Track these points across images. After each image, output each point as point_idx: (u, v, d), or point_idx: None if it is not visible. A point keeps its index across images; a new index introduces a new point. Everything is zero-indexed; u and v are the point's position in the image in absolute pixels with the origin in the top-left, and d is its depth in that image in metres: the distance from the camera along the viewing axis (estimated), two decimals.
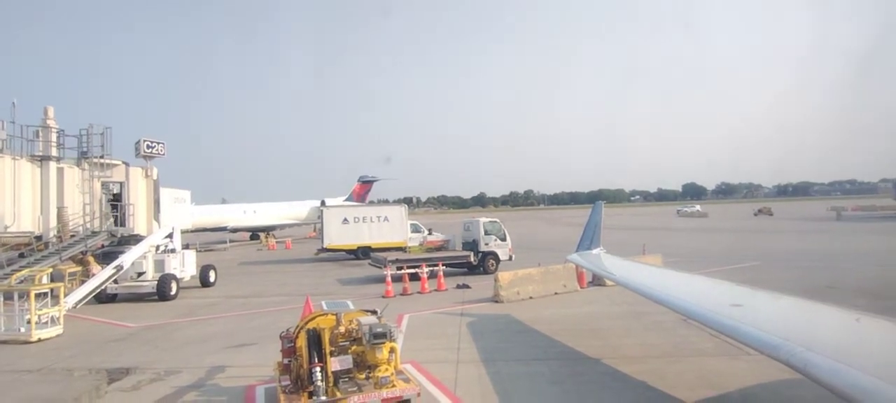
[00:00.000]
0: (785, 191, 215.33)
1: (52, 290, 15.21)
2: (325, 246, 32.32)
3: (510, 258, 24.42)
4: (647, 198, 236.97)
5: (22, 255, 20.58)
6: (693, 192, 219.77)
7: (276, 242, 51.28)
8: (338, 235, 31.75)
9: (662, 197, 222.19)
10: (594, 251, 13.54)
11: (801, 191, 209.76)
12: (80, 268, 21.10)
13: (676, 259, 23.99)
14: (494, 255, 24.15)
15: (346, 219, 32.39)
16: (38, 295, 14.17)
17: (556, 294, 17.77)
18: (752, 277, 19.08)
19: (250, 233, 57.80)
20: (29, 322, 13.71)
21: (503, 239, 24.61)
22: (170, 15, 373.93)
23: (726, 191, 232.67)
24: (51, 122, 22.63)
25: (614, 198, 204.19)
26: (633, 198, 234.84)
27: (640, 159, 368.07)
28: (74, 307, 16.97)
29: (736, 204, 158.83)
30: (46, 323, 14.30)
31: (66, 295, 16.14)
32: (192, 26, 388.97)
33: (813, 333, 5.92)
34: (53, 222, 22.28)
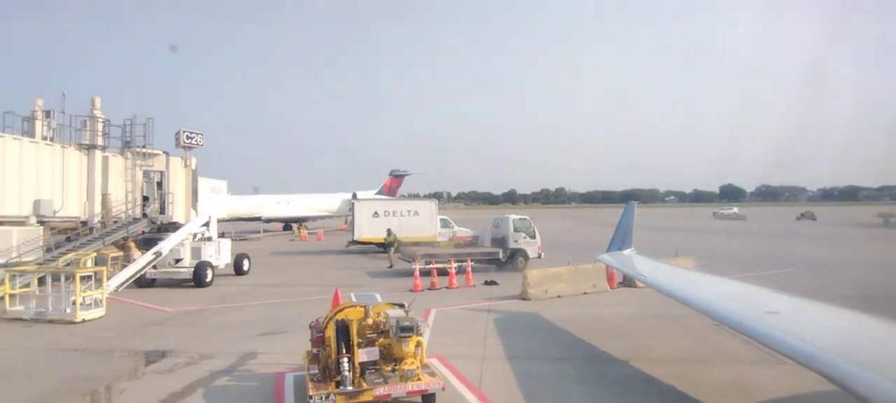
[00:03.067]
0: (830, 195, 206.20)
1: (95, 274, 15.90)
2: (355, 239, 32.73)
3: (539, 256, 24.22)
4: (683, 198, 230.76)
5: (68, 239, 21.54)
6: (731, 194, 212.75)
7: (308, 233, 52.21)
8: (368, 228, 32.09)
9: (698, 198, 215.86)
10: (625, 251, 13.32)
11: (847, 195, 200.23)
12: (121, 253, 21.96)
13: (710, 262, 23.35)
14: (523, 253, 23.99)
15: (376, 213, 32.69)
16: (82, 278, 14.82)
17: (585, 293, 17.57)
18: (790, 284, 18.42)
19: (283, 224, 59.03)
20: (74, 303, 14.37)
21: (533, 237, 24.43)
22: (204, 9, 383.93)
23: (767, 194, 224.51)
24: (97, 113, 23.56)
25: (648, 198, 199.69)
26: (667, 199, 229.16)
27: (675, 158, 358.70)
28: (116, 290, 17.71)
29: (777, 207, 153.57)
30: (90, 304, 14.96)
31: (108, 279, 16.84)
32: (228, 22, 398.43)
33: (853, 345, 5.70)
34: (98, 208, 23.23)
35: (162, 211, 25.15)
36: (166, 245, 20.51)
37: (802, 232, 52.83)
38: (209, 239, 22.21)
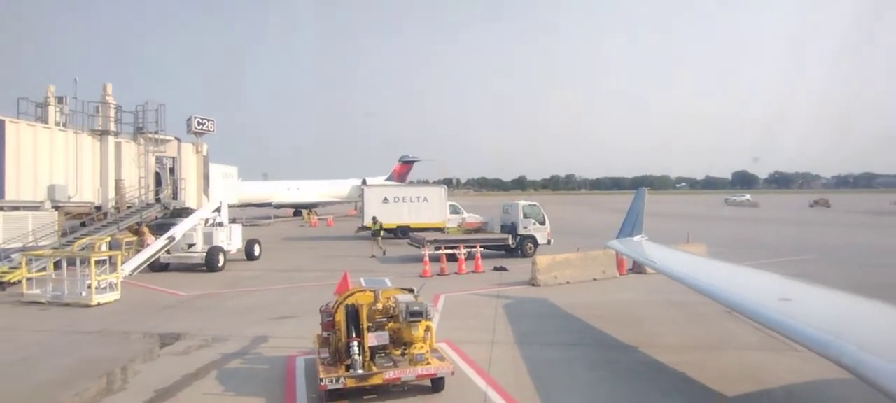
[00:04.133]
0: (845, 182, 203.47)
1: (110, 258, 16.12)
2: (365, 225, 32.85)
3: (549, 242, 24.18)
4: (694, 185, 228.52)
5: (83, 224, 21.84)
6: (744, 181, 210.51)
7: (318, 219, 52.46)
8: (378, 214, 32.19)
9: (710, 184, 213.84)
10: (635, 238, 13.23)
11: (862, 182, 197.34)
12: (135, 238, 22.24)
13: (722, 249, 23.16)
14: (533, 239, 23.96)
15: (386, 199, 32.75)
16: (97, 262, 15.03)
17: (594, 280, 17.54)
18: (803, 271, 18.26)
19: (293, 210, 59.38)
20: (89, 287, 14.59)
21: (542, 223, 24.38)
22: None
23: (780, 181, 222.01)
24: (109, 99, 23.76)
25: (659, 184, 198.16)
26: (678, 186, 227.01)
27: (687, 145, 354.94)
28: (130, 274, 17.95)
29: (790, 194, 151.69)
30: (105, 288, 15.20)
31: (123, 263, 17.06)
32: (238, 8, 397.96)
33: (867, 332, 5.63)
34: (112, 194, 23.51)
35: (174, 196, 25.41)
36: (179, 230, 20.72)
37: (818, 220, 52.21)
38: (221, 224, 22.41)
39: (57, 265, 15.72)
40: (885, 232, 38.41)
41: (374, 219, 27.51)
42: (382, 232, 26.84)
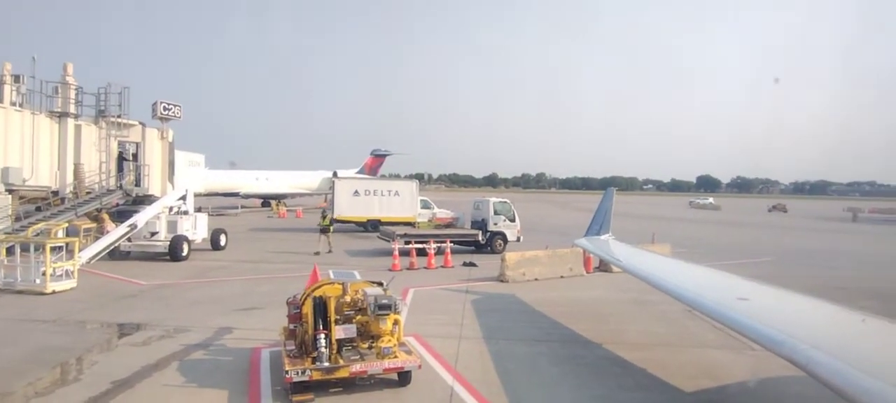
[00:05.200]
0: (802, 189, 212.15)
1: (67, 245, 15.52)
2: (335, 217, 32.48)
3: (518, 239, 24.41)
4: (660, 187, 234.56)
5: (39, 209, 20.94)
6: (707, 184, 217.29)
7: (287, 211, 51.62)
8: (348, 207, 31.86)
9: (676, 187, 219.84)
10: (603, 237, 13.50)
11: (818, 189, 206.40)
12: (94, 225, 21.44)
13: (686, 250, 23.83)
14: (502, 235, 24.14)
15: (356, 192, 32.44)
16: (53, 249, 14.46)
17: (561, 277, 17.80)
18: (761, 273, 18.91)
19: (262, 201, 58.31)
20: (44, 274, 14.03)
21: (512, 220, 24.58)
22: None
23: (741, 185, 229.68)
24: (70, 79, 22.78)
25: (627, 185, 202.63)
26: (645, 187, 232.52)
27: (655, 148, 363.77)
28: (88, 262, 17.34)
29: (751, 198, 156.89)
30: (61, 276, 14.64)
31: (80, 250, 16.46)
32: None
33: (818, 331, 5.89)
34: (70, 178, 22.61)
35: (137, 183, 24.61)
36: (142, 217, 20.09)
37: (775, 224, 54.16)
38: (186, 212, 21.82)
39: (9, 251, 15.06)
40: (837, 237, 40.13)
41: (324, 213, 26.96)
42: (332, 229, 26.30)
